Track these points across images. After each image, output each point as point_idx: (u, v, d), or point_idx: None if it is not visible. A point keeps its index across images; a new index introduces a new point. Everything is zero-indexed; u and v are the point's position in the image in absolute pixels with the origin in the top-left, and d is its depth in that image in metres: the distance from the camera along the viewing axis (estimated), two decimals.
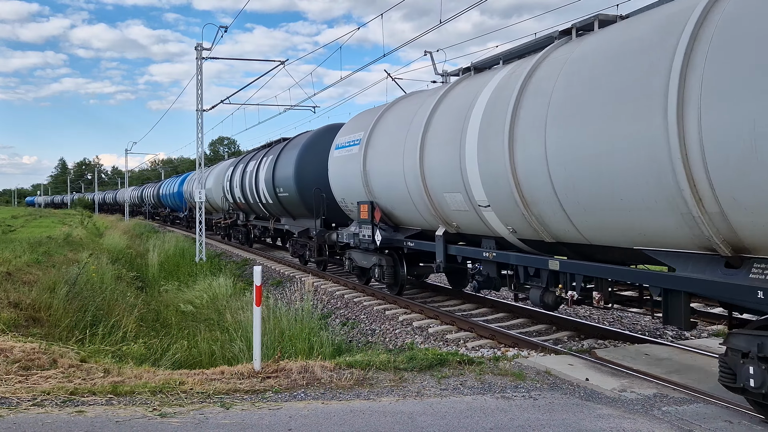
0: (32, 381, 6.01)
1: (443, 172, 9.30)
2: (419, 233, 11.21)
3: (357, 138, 12.63)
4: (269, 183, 18.74)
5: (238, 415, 5.27)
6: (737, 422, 5.16)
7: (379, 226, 11.70)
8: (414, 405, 5.63)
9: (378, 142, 11.75)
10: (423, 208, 10.31)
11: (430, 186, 9.80)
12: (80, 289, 12.23)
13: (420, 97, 11.42)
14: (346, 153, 13.01)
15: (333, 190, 13.80)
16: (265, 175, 19.22)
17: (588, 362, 7.19)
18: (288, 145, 18.80)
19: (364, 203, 12.09)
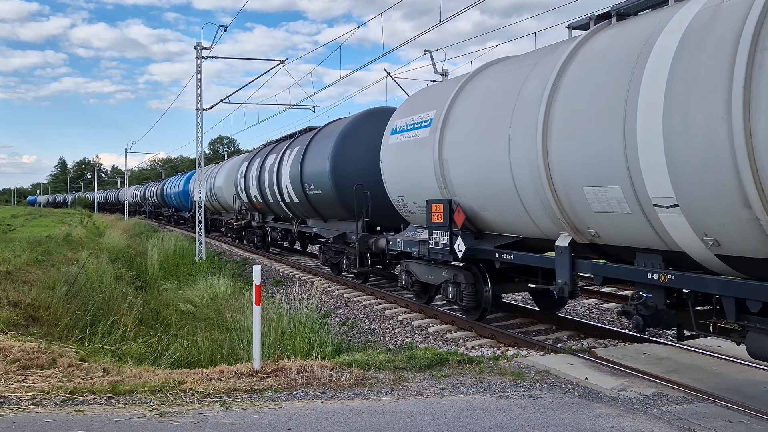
0: (31, 380, 6.01)
1: (588, 157, 6.60)
2: (516, 242, 8.59)
3: (426, 118, 9.95)
4: (295, 179, 16.15)
5: (237, 415, 5.27)
6: (737, 421, 5.16)
7: (459, 232, 9.01)
8: (413, 404, 5.63)
9: (462, 120, 9.01)
10: (537, 209, 7.64)
11: (559, 178, 7.04)
12: (80, 288, 12.23)
13: (527, 58, 8.49)
14: (408, 138, 10.37)
15: (387, 185, 11.19)
16: (290, 170, 16.64)
17: (588, 361, 7.19)
18: (319, 134, 16.08)
19: (437, 202, 9.43)
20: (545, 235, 7.88)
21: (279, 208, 19.05)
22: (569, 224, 7.29)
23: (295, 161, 16.39)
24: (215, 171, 31.06)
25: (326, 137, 15.02)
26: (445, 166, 9.28)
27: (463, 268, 9.58)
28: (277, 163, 18.30)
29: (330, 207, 14.78)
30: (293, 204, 17.23)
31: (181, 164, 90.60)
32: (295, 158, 16.49)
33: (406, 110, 11.04)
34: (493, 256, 8.75)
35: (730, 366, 6.93)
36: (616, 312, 10.82)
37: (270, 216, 21.62)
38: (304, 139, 16.80)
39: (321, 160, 14.52)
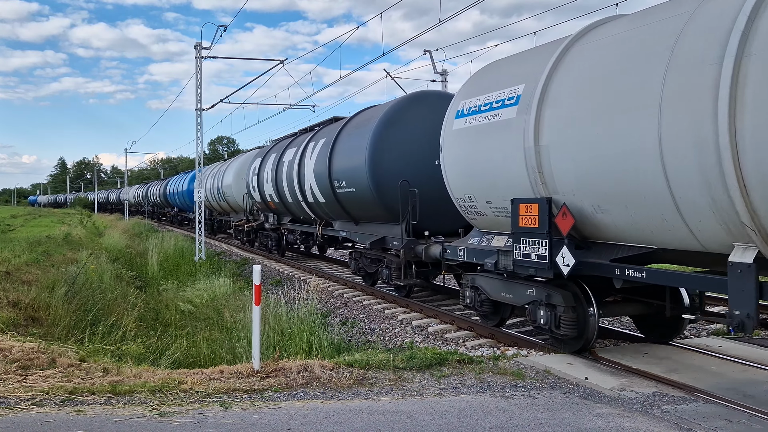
0: (31, 380, 6.00)
1: None
2: (643, 255, 6.67)
3: (511, 94, 7.91)
4: (322, 176, 14.19)
5: (237, 415, 5.27)
6: (736, 421, 5.16)
7: (565, 240, 7.04)
8: (413, 404, 5.63)
9: (569, 94, 6.97)
10: (701, 210, 5.60)
11: (756, 167, 5.00)
12: (79, 288, 12.23)
13: (670, 7, 6.30)
14: (483, 121, 8.31)
15: (450, 181, 9.27)
16: (316, 166, 14.66)
17: (587, 361, 7.19)
18: (350, 124, 13.97)
19: (528, 202, 7.44)
20: (703, 247, 5.85)
21: (299, 208, 17.11)
22: (761, 231, 5.19)
23: (321, 156, 14.32)
24: (223, 169, 28.98)
25: (361, 127, 13.01)
26: (543, 154, 7.17)
27: (558, 286, 7.55)
28: (297, 158, 16.19)
29: (365, 207, 12.82)
30: (317, 204, 15.26)
31: (180, 164, 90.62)
32: (321, 152, 14.40)
33: (476, 87, 8.88)
34: (611, 272, 6.75)
35: (730, 366, 6.93)
36: None
37: (287, 217, 19.50)
38: (331, 131, 14.69)
39: (355, 153, 12.51)
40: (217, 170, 30.39)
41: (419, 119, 11.77)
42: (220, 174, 28.85)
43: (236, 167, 25.92)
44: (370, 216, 12.96)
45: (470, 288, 9.31)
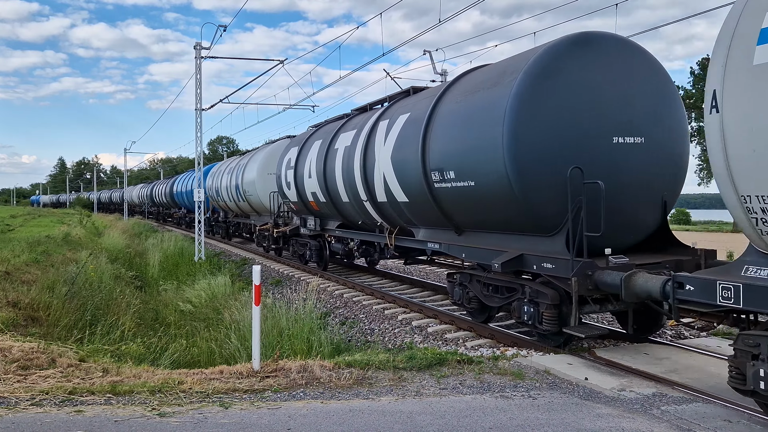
0: (31, 380, 6.00)
1: None
2: None
3: None
4: (409, 165, 10.20)
5: (237, 415, 5.27)
6: (736, 421, 5.16)
7: None
8: (413, 404, 5.63)
9: None
10: None
11: None
12: (79, 288, 12.23)
13: None
14: None
15: (736, 165, 5.07)
16: (396, 152, 10.66)
17: (587, 361, 7.19)
18: (457, 88, 9.65)
19: None
20: None
21: (359, 211, 12.94)
22: None
23: (407, 137, 10.31)
24: (243, 163, 24.34)
25: (485, 88, 8.59)
26: None
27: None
28: (361, 144, 12.15)
29: (489, 209, 8.59)
30: (394, 205, 11.19)
31: (180, 164, 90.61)
32: (407, 132, 10.40)
33: None
34: None
35: None
36: None
37: (333, 221, 15.16)
38: (420, 103, 10.60)
39: (479, 127, 8.35)
40: (235, 165, 25.86)
41: (590, 73, 7.63)
42: (240, 169, 24.26)
43: (262, 160, 21.84)
44: (495, 222, 8.71)
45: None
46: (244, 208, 24.60)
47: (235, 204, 25.67)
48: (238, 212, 26.38)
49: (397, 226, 11.89)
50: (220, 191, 27.84)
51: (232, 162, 27.37)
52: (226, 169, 27.55)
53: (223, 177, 27.27)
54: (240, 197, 24.22)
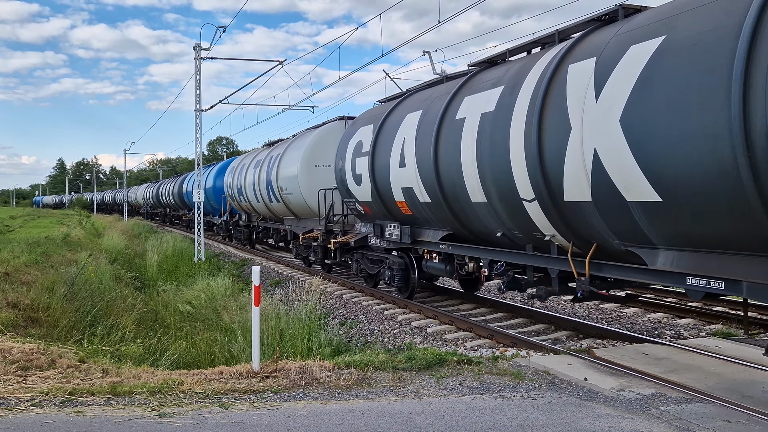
0: (31, 381, 6.01)
1: None
2: None
3: None
4: (680, 132, 5.57)
5: (236, 416, 5.27)
6: (735, 421, 5.17)
7: None
8: (413, 405, 5.64)
9: None
10: None
11: None
12: (79, 289, 12.24)
13: None
14: None
15: None
16: (628, 114, 6.06)
17: (586, 362, 7.20)
18: None
19: None
20: None
21: (504, 214, 8.44)
22: None
23: (673, 85, 5.68)
24: (277, 153, 19.55)
25: None
26: None
27: None
28: (530, 106, 7.56)
29: None
30: (610, 205, 6.61)
31: (179, 165, 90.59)
32: (668, 78, 5.75)
33: None
34: None
35: (729, 366, 6.94)
36: None
37: (436, 231, 10.62)
38: None
39: None
40: (265, 156, 21.25)
41: None
42: (273, 161, 19.57)
43: (308, 148, 16.95)
44: None
45: None
46: (278, 209, 19.83)
47: (264, 205, 21.04)
48: (268, 215, 21.84)
49: (594, 243, 7.28)
50: (243, 190, 22.79)
51: (260, 154, 22.57)
52: (251, 163, 22.80)
53: (249, 172, 22.36)
54: (273, 196, 19.59)
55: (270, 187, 19.57)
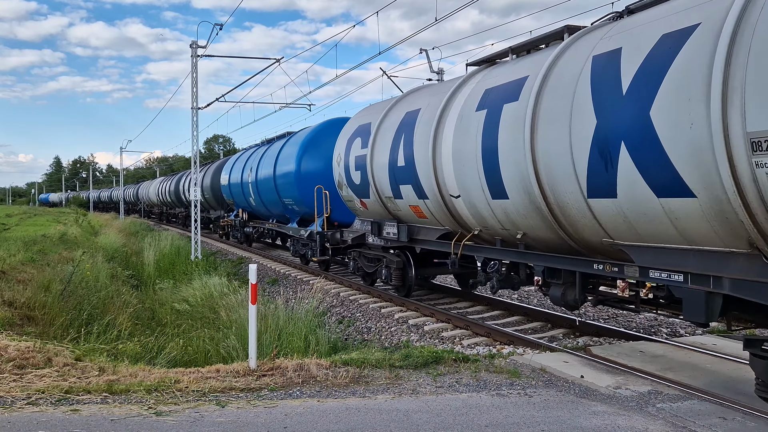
0: (27, 380, 5.99)
1: None
2: None
3: None
4: None
5: (233, 414, 5.27)
6: (731, 419, 5.18)
7: None
8: (409, 402, 5.64)
9: None
10: None
11: None
12: (75, 287, 12.21)
13: None
14: None
15: None
16: None
17: (583, 359, 7.21)
18: None
19: None
20: None
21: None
22: None
23: None
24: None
25: None
26: None
27: None
28: None
29: None
30: None
31: (176, 163, 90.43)
32: None
33: None
34: None
35: (725, 363, 6.96)
36: None
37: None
38: None
39: None
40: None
41: None
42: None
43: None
44: None
45: None
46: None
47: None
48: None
49: None
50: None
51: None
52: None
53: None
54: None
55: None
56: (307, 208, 16.57)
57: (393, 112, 11.50)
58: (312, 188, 15.80)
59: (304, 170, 16.86)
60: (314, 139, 17.22)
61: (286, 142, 19.04)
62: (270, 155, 19.94)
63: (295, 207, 17.78)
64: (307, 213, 16.92)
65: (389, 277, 12.03)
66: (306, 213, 17.21)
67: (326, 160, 15.49)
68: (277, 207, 19.67)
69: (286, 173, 17.80)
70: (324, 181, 15.39)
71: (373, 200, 11.95)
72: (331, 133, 15.93)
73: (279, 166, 18.63)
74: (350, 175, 12.66)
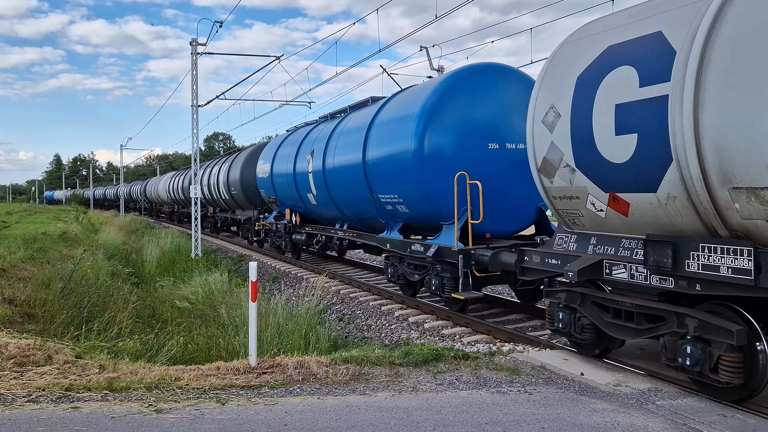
0: (27, 377, 6.00)
1: None
2: None
3: None
4: None
5: (233, 411, 5.28)
6: (731, 416, 5.19)
7: None
8: (410, 400, 5.65)
9: None
10: None
11: None
12: (75, 285, 12.21)
13: None
14: None
15: None
16: None
17: (583, 357, 7.21)
18: None
19: None
20: None
21: None
22: None
23: None
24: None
25: None
26: None
27: None
28: None
29: None
30: None
31: (176, 161, 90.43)
32: None
33: None
34: None
35: None
36: None
37: None
38: None
39: None
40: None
41: None
42: None
43: None
44: None
45: None
46: None
47: None
48: None
49: None
50: None
51: None
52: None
53: None
54: None
55: None
56: (427, 209, 10.58)
57: None
58: (444, 177, 10.01)
59: (431, 148, 10.20)
60: (445, 100, 10.34)
61: (382, 108, 12.45)
62: (350, 131, 13.41)
63: (401, 207, 11.36)
64: (420, 216, 11.07)
65: None
66: (416, 216, 11.17)
67: (467, 131, 10.25)
68: (361, 206, 13.02)
69: (391, 155, 11.15)
70: (467, 167, 9.84)
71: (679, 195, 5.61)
72: (473, 88, 10.42)
73: (374, 146, 11.93)
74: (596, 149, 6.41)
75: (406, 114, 10.88)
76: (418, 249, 10.66)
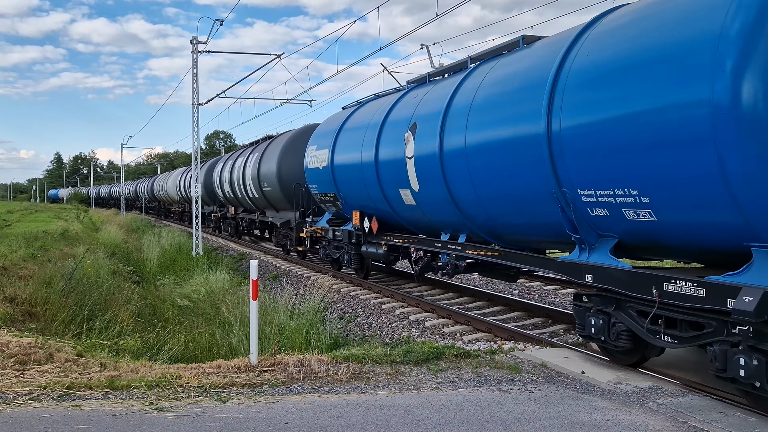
0: (28, 375, 6.01)
1: None
2: None
3: None
4: None
5: (234, 409, 5.28)
6: (732, 414, 5.19)
7: None
8: (410, 398, 5.65)
9: None
10: None
11: None
12: (76, 283, 12.21)
13: None
14: None
15: None
16: None
17: (584, 355, 7.22)
18: None
19: None
20: None
21: None
22: None
23: None
24: None
25: None
26: None
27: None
28: None
29: None
30: None
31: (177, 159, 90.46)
32: None
33: None
34: None
35: None
36: None
37: None
38: None
39: None
40: None
41: None
42: None
43: None
44: None
45: None
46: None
47: None
48: None
49: None
50: None
51: None
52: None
53: None
54: None
55: None
56: (722, 217, 5.23)
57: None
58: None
59: (757, 102, 4.80)
60: None
61: (579, 37, 6.88)
62: (505, 88, 8.07)
63: (632, 213, 6.07)
64: (683, 230, 5.76)
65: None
66: (669, 229, 5.86)
67: None
68: (522, 207, 7.89)
69: (639, 119, 5.63)
70: None
71: None
72: None
73: (578, 105, 6.42)
74: None
75: (682, 37, 5.35)
76: (692, 293, 5.47)
